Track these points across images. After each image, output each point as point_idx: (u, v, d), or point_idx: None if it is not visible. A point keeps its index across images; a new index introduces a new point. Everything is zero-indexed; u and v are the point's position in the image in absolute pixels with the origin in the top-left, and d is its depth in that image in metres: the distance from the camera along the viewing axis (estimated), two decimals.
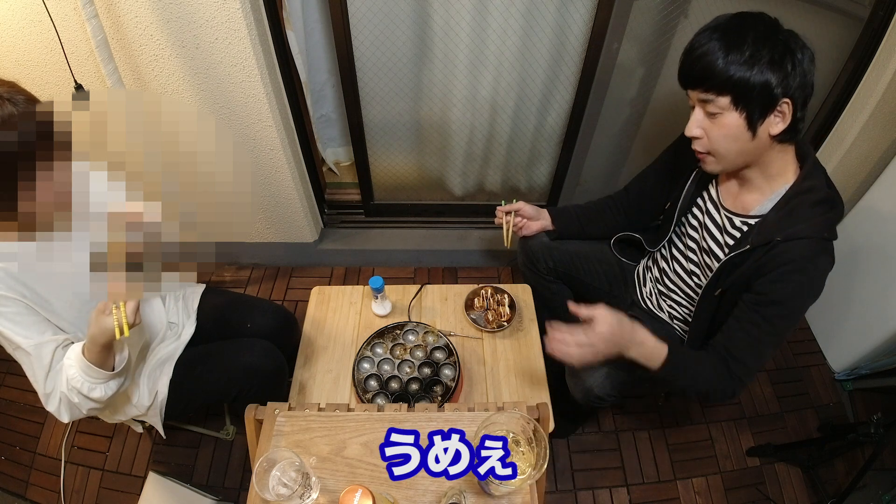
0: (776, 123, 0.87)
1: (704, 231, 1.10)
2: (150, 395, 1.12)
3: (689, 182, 1.14)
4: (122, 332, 0.82)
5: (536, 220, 1.38)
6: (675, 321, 1.25)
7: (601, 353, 0.94)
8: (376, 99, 1.61)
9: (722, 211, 1.06)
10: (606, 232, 1.38)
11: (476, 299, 1.45)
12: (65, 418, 0.94)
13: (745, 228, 1.01)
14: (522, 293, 1.49)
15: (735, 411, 1.67)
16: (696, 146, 0.96)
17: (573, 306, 0.97)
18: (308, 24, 1.66)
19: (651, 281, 1.30)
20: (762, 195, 0.99)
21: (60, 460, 1.53)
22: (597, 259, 1.38)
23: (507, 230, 1.38)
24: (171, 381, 1.13)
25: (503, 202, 1.38)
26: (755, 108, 0.86)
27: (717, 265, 1.03)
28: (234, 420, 1.60)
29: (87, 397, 0.90)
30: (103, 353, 0.87)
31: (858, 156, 1.63)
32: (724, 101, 0.87)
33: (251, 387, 1.16)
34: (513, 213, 1.37)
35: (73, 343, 0.93)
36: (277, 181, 1.67)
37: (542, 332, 1.41)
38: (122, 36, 1.28)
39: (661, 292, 1.27)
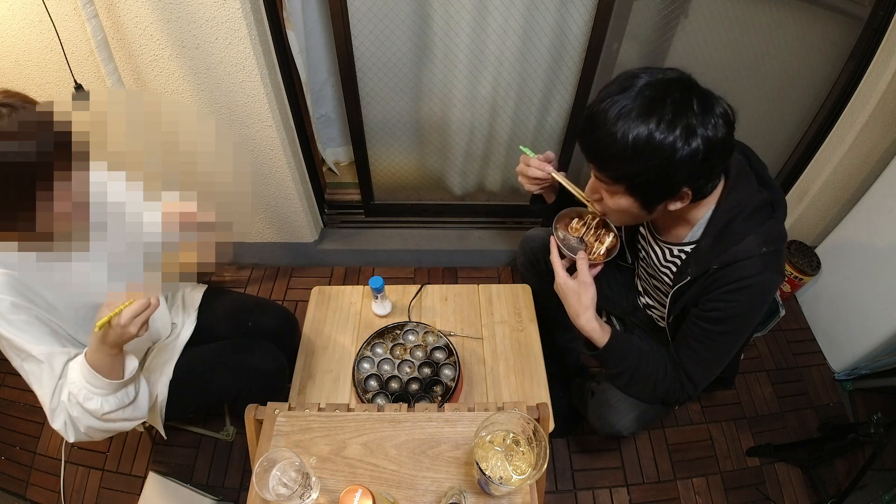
0: (674, 203, 0.85)
1: (651, 258, 1.11)
2: (150, 396, 1.12)
3: None
4: (100, 324, 0.77)
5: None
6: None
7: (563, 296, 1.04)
8: (376, 99, 1.61)
9: (659, 241, 1.05)
10: None
11: (576, 220, 1.08)
12: (70, 437, 0.89)
13: (683, 256, 1.00)
14: (522, 293, 1.48)
15: (735, 411, 1.67)
16: (596, 204, 0.96)
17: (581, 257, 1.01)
18: (308, 23, 1.66)
19: (643, 293, 1.30)
20: (689, 226, 0.96)
21: (60, 460, 1.53)
22: None
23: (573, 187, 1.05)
24: (171, 382, 1.13)
25: (525, 149, 1.10)
26: (650, 197, 0.84)
27: (668, 292, 1.02)
28: (234, 420, 1.60)
29: (83, 407, 0.85)
30: (107, 358, 0.84)
31: (858, 156, 1.63)
32: (618, 187, 0.85)
33: (251, 387, 1.16)
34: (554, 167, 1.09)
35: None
36: (277, 181, 1.67)
37: (542, 332, 1.41)
38: (122, 36, 1.28)
39: (648, 305, 1.27)
